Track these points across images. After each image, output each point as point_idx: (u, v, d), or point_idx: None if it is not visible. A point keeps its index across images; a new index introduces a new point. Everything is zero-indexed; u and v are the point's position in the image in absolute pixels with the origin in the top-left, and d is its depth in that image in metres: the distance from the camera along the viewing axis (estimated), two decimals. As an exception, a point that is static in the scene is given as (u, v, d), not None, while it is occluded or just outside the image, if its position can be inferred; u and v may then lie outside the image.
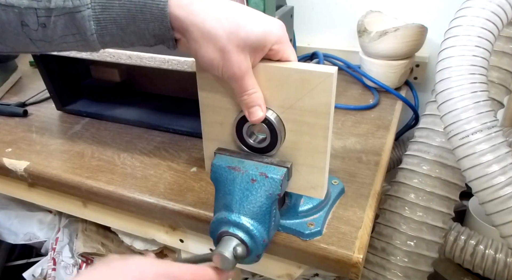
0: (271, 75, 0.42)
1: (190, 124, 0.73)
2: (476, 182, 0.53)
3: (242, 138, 0.46)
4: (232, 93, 0.43)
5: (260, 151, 0.46)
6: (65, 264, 0.84)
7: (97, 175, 0.63)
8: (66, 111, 0.82)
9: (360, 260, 0.47)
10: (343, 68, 0.97)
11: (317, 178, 0.45)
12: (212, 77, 0.44)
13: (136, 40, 0.41)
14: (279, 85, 0.42)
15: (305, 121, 0.43)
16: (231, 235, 0.43)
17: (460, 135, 0.53)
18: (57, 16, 0.38)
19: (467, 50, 0.54)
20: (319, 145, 0.43)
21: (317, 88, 0.40)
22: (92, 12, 0.38)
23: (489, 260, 0.73)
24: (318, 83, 0.40)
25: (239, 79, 0.40)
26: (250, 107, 0.42)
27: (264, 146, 0.45)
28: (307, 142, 0.44)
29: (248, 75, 0.40)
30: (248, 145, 0.46)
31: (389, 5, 0.93)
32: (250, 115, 0.43)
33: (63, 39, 0.39)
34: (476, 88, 0.53)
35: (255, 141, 0.46)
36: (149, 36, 0.40)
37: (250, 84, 0.41)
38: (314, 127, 0.42)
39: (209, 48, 0.39)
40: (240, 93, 0.41)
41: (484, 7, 0.55)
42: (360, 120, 0.78)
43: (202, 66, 0.41)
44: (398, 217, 0.68)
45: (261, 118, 0.43)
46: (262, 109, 0.42)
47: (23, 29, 0.38)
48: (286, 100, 0.42)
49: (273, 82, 0.42)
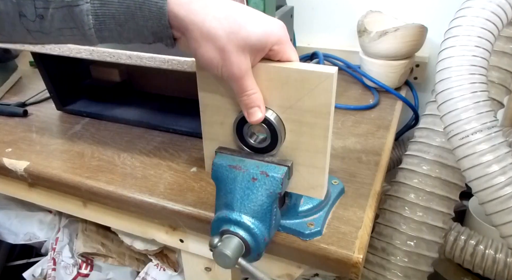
0: (271, 75, 0.42)
1: (190, 124, 0.73)
2: (476, 182, 0.53)
3: (243, 138, 0.46)
4: (232, 93, 0.43)
5: (260, 151, 0.46)
6: (65, 264, 0.84)
7: (97, 175, 0.63)
8: (66, 111, 0.82)
9: (360, 260, 0.47)
10: (343, 68, 0.97)
11: (317, 178, 0.45)
12: (212, 77, 0.44)
13: (134, 37, 0.40)
14: (279, 85, 0.42)
15: (305, 121, 0.43)
16: (232, 234, 0.43)
17: (460, 135, 0.53)
18: (55, 9, 0.38)
19: (467, 50, 0.54)
20: (319, 145, 0.43)
21: (317, 88, 0.40)
22: (91, 6, 0.37)
23: (489, 260, 0.73)
24: (318, 84, 0.40)
25: (239, 80, 0.40)
26: (250, 108, 0.42)
27: (265, 146, 0.45)
28: (307, 142, 0.44)
29: (247, 75, 0.40)
30: (249, 145, 0.46)
31: (389, 5, 0.93)
32: (249, 116, 0.43)
33: (61, 32, 0.39)
34: (476, 89, 0.53)
35: (255, 141, 0.46)
36: (147, 33, 0.39)
37: (250, 85, 0.41)
38: (314, 128, 0.42)
39: (209, 48, 0.38)
40: (240, 93, 0.41)
41: (484, 7, 0.55)
42: (360, 120, 0.78)
43: (202, 65, 0.41)
44: (398, 217, 0.68)
45: (260, 120, 0.42)
46: (261, 110, 0.42)
47: (20, 19, 0.38)
48: (286, 100, 0.42)
49: (273, 83, 0.42)
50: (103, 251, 0.85)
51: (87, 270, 0.84)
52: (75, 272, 0.84)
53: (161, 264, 0.79)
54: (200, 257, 0.64)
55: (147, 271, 0.80)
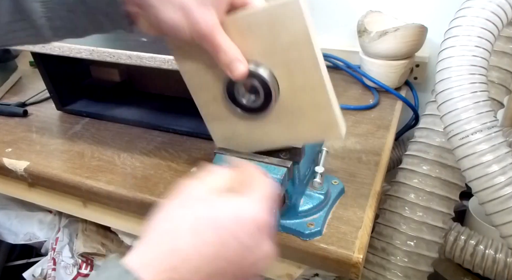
0: (242, 27, 0.40)
1: (190, 124, 0.72)
2: (476, 182, 0.53)
3: (237, 102, 0.44)
4: (212, 63, 0.41)
5: (258, 110, 0.44)
6: (65, 264, 0.84)
7: (97, 175, 0.63)
8: (66, 111, 0.82)
9: (360, 260, 0.47)
10: (343, 68, 0.97)
11: (326, 115, 0.43)
12: (188, 54, 0.43)
13: (89, 24, 0.38)
14: (253, 34, 0.40)
15: (291, 59, 0.40)
16: None
17: (460, 135, 0.53)
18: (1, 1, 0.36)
19: (467, 51, 0.54)
20: (313, 78, 0.41)
21: (288, 19, 0.38)
22: None
23: (489, 260, 0.73)
24: (286, 13, 0.38)
25: (209, 36, 0.38)
26: (230, 64, 0.39)
27: (261, 104, 0.43)
28: (301, 81, 0.41)
29: (217, 30, 0.38)
30: (246, 107, 0.44)
31: (389, 5, 0.93)
32: (232, 72, 0.40)
33: (11, 27, 0.37)
34: (476, 89, 0.53)
35: (250, 100, 0.44)
36: (101, 17, 0.37)
37: (222, 40, 0.38)
38: (302, 62, 0.40)
39: (169, 9, 0.36)
40: (215, 52, 0.39)
41: (484, 7, 0.55)
42: (360, 120, 0.78)
43: (168, 32, 0.38)
44: (398, 217, 0.68)
45: (245, 72, 0.40)
46: (242, 63, 0.40)
47: None
48: (266, 46, 0.40)
49: (247, 34, 0.40)
50: (103, 251, 0.85)
51: (87, 270, 0.84)
52: (75, 272, 0.84)
53: (161, 264, 0.79)
54: (200, 257, 0.64)
55: (147, 271, 0.80)
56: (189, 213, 0.31)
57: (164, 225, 0.31)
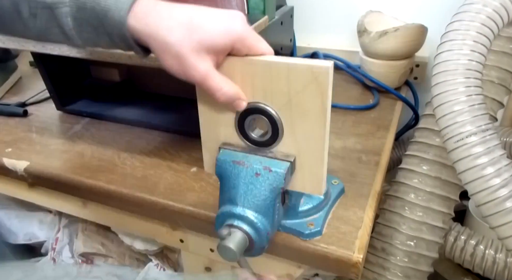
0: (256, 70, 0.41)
1: (190, 124, 0.72)
2: (472, 184, 0.53)
3: (245, 134, 0.46)
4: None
5: (262, 144, 0.46)
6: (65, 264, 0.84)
7: (97, 175, 0.63)
8: (66, 111, 0.82)
9: (360, 260, 0.47)
10: (343, 68, 0.97)
11: (315, 174, 0.45)
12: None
13: (109, 43, 0.42)
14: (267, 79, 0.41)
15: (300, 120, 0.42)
16: (236, 228, 0.43)
17: (455, 138, 0.53)
18: (42, 9, 0.41)
19: (462, 55, 0.54)
20: (316, 145, 0.43)
21: (312, 84, 0.39)
22: (70, 9, 0.41)
23: (489, 260, 0.73)
24: (312, 79, 0.39)
25: (202, 81, 0.41)
26: (231, 102, 0.43)
27: (267, 139, 0.45)
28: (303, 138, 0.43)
29: (210, 75, 0.40)
30: (251, 140, 0.46)
31: (389, 5, 0.93)
32: (235, 109, 0.44)
33: (50, 30, 0.43)
34: (471, 92, 0.53)
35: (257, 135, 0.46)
36: (117, 40, 0.41)
37: (217, 83, 0.41)
38: (311, 131, 0.42)
39: (167, 57, 0.40)
40: (212, 94, 0.42)
41: (480, 12, 0.55)
42: (360, 120, 0.78)
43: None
44: (398, 217, 0.68)
45: (243, 107, 0.43)
46: (242, 99, 0.43)
47: (18, 15, 0.42)
48: (279, 96, 0.42)
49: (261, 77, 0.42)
50: (103, 251, 0.85)
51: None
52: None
53: (161, 264, 0.80)
54: (200, 257, 0.64)
55: (147, 271, 0.80)
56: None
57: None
